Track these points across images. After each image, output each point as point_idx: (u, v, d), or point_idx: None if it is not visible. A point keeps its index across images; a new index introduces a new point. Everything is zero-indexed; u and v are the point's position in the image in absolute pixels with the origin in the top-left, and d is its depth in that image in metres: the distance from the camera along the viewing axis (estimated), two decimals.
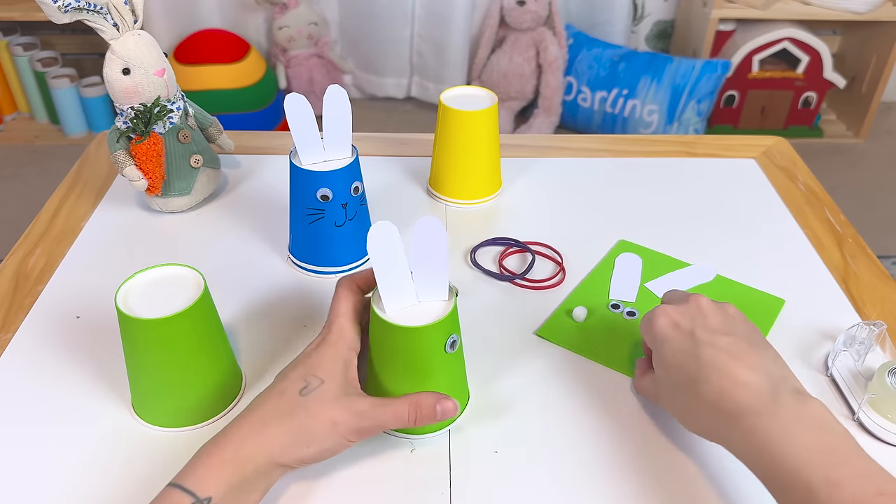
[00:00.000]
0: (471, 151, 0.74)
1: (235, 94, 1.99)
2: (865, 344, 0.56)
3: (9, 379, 0.56)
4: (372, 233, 0.46)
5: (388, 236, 0.46)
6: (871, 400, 0.54)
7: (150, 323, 0.47)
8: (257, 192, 0.79)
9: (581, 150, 0.88)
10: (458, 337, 0.50)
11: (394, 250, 0.47)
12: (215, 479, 0.42)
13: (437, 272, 0.48)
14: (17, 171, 2.04)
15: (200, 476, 0.42)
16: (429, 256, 0.47)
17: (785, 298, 0.65)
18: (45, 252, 0.70)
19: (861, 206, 1.95)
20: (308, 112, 0.61)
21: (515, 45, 2.11)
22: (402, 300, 0.48)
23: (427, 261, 0.47)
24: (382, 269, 0.47)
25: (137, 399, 0.53)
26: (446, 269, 0.48)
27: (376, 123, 2.26)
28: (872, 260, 0.71)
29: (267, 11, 2.18)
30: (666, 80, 2.01)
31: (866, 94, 2.18)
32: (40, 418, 0.53)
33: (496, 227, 0.74)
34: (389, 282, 0.47)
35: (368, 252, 0.46)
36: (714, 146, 0.89)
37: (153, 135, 0.68)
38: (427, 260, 0.47)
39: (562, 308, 0.64)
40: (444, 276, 0.48)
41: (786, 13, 2.04)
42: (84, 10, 0.62)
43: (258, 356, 0.59)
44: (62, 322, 0.62)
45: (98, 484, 0.49)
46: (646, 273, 0.68)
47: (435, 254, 0.47)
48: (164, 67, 0.68)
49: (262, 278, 0.67)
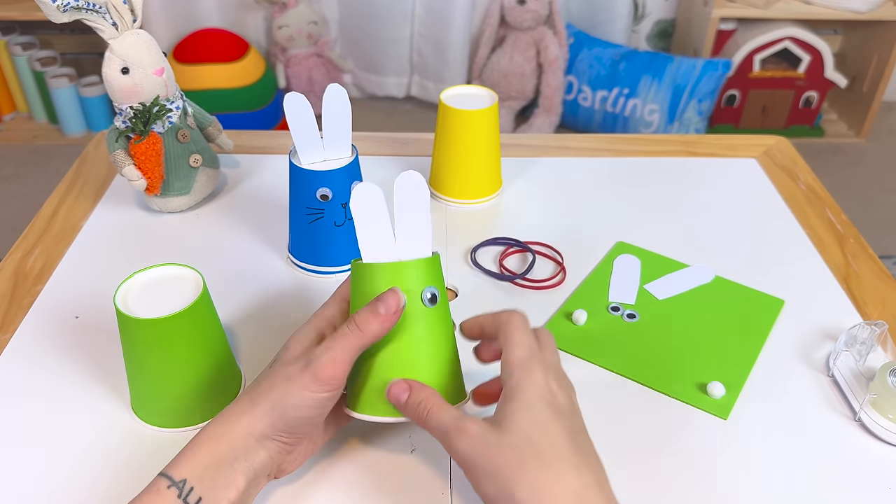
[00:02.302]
0: (471, 151, 0.74)
1: (235, 94, 1.99)
2: (867, 344, 0.56)
3: (8, 378, 0.56)
4: (355, 193, 0.45)
5: (371, 197, 0.46)
6: (873, 400, 0.53)
7: (149, 323, 0.47)
8: (257, 192, 0.78)
9: (581, 150, 0.87)
10: (441, 295, 0.48)
11: (377, 211, 0.46)
12: (191, 461, 0.42)
13: (420, 228, 0.47)
14: (16, 170, 2.04)
15: (179, 459, 0.42)
16: (411, 212, 0.46)
17: (786, 299, 0.65)
18: (44, 252, 0.70)
19: (862, 205, 1.95)
20: (308, 111, 0.61)
21: (516, 45, 2.11)
22: (383, 258, 0.47)
23: (409, 217, 0.46)
24: (365, 228, 0.46)
25: (136, 399, 0.53)
26: (429, 225, 0.47)
27: (376, 123, 2.26)
28: (874, 260, 0.71)
29: (266, 10, 2.17)
30: (667, 80, 2.01)
31: (867, 94, 2.18)
32: (39, 418, 0.53)
33: (496, 227, 0.74)
34: (372, 241, 0.46)
35: (351, 212, 0.46)
36: (715, 146, 0.89)
37: (152, 134, 0.68)
38: (409, 217, 0.46)
39: (561, 311, 0.64)
40: (427, 233, 0.47)
41: (787, 12, 2.04)
42: (83, 10, 0.62)
43: (258, 356, 0.59)
44: (61, 322, 0.61)
45: (97, 483, 0.49)
46: (645, 274, 0.68)
47: (417, 209, 0.46)
48: (163, 67, 0.67)
49: (261, 278, 0.67)
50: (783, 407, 0.55)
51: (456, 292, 0.66)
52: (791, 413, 0.55)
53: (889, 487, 0.50)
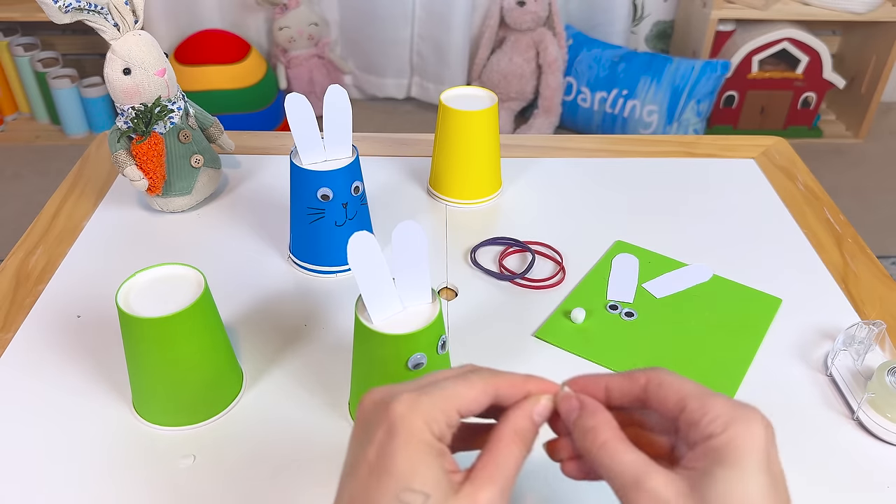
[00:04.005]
0: (471, 151, 0.74)
1: (236, 95, 1.99)
2: (865, 343, 0.57)
3: (9, 378, 0.57)
4: (352, 243, 0.45)
5: (367, 246, 0.46)
6: (871, 399, 0.54)
7: (150, 322, 0.47)
8: (258, 192, 0.79)
9: (581, 151, 0.88)
10: (446, 336, 0.50)
11: (374, 259, 0.46)
12: None
13: (419, 276, 0.47)
14: (18, 171, 2.04)
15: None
16: (410, 260, 0.47)
17: (784, 298, 0.65)
18: (46, 252, 0.70)
19: (860, 206, 1.95)
20: (308, 112, 0.61)
21: (515, 46, 2.11)
22: (387, 308, 0.47)
23: (409, 265, 0.47)
24: (365, 278, 0.46)
25: (138, 398, 0.53)
26: (428, 272, 0.47)
27: (376, 124, 2.26)
28: (872, 260, 0.71)
29: (267, 12, 2.18)
30: (665, 81, 2.01)
31: (866, 95, 2.18)
32: (41, 417, 0.54)
33: (496, 226, 0.74)
34: (373, 291, 0.46)
35: (349, 263, 0.45)
36: (713, 146, 0.89)
37: (154, 135, 0.68)
38: (409, 264, 0.47)
39: (560, 309, 0.64)
40: (426, 280, 0.48)
41: (785, 13, 2.04)
42: (85, 11, 0.63)
43: (258, 355, 0.59)
44: (63, 321, 0.62)
45: (98, 482, 0.49)
46: (643, 273, 0.68)
47: (416, 257, 0.47)
48: (164, 67, 0.68)
49: (262, 278, 0.67)
50: (781, 406, 0.56)
51: (456, 292, 0.66)
52: (789, 412, 0.55)
53: (887, 486, 0.50)
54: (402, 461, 0.32)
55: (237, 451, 0.51)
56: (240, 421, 0.54)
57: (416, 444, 0.33)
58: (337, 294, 0.65)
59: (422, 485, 0.32)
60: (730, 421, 0.33)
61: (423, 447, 0.33)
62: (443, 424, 0.34)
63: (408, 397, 0.34)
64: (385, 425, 0.33)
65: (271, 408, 0.55)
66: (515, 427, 0.35)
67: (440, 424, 0.34)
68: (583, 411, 0.36)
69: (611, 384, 0.37)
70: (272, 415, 0.54)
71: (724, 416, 0.33)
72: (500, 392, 0.36)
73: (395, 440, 0.33)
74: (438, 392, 0.34)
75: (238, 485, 0.49)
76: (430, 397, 0.34)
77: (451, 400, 0.35)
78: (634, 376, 0.36)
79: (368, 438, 0.34)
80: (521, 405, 0.36)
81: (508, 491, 0.34)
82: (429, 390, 0.35)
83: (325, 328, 0.62)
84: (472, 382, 0.35)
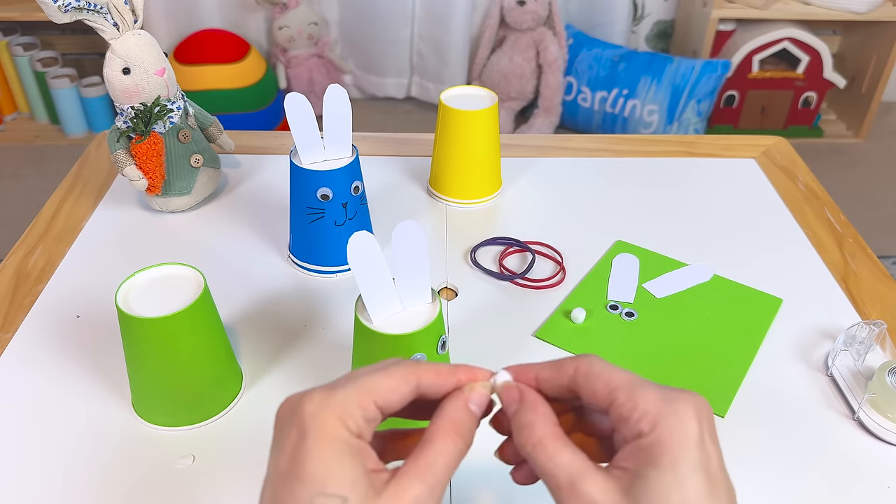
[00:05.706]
0: (471, 151, 0.74)
1: (235, 94, 1.99)
2: (865, 343, 0.57)
3: (9, 378, 0.57)
4: (351, 243, 0.45)
5: (367, 246, 0.45)
6: (871, 399, 0.54)
7: (150, 322, 0.47)
8: (257, 192, 0.79)
9: (581, 150, 0.88)
10: (446, 336, 0.50)
11: (374, 259, 0.46)
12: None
13: (419, 276, 0.47)
14: (18, 171, 2.04)
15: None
16: (410, 260, 0.47)
17: (784, 298, 0.65)
18: (46, 252, 0.70)
19: (861, 205, 1.95)
20: (308, 112, 0.61)
21: (515, 46, 2.11)
22: (387, 308, 0.47)
23: (409, 265, 0.47)
24: (364, 278, 0.46)
25: (137, 398, 0.53)
26: (427, 272, 0.47)
27: (376, 123, 2.26)
28: (872, 259, 0.71)
29: (267, 11, 2.18)
30: (666, 80, 2.01)
31: (866, 94, 2.18)
32: (40, 417, 0.53)
33: (496, 226, 0.74)
34: (373, 291, 0.46)
35: (349, 263, 0.45)
36: (714, 146, 0.89)
37: (153, 134, 0.68)
38: (408, 264, 0.47)
39: (560, 309, 0.64)
40: (426, 280, 0.48)
41: (786, 13, 2.04)
42: (84, 10, 0.63)
43: (258, 355, 0.59)
44: (62, 321, 0.62)
45: (98, 482, 0.49)
46: (643, 273, 0.68)
47: (416, 257, 0.47)
48: (164, 67, 0.68)
49: (262, 278, 0.67)
50: (781, 405, 0.56)
51: (456, 292, 0.66)
52: (789, 412, 0.55)
53: (888, 486, 0.50)
54: (314, 464, 0.30)
55: (237, 451, 0.51)
56: (239, 421, 0.54)
57: (330, 443, 0.31)
58: (337, 294, 0.65)
59: (337, 487, 0.30)
60: (658, 417, 0.31)
61: (338, 445, 0.31)
62: (359, 419, 0.32)
63: (319, 395, 0.32)
64: (296, 428, 0.31)
65: (271, 408, 0.54)
66: (450, 418, 0.33)
67: (356, 419, 0.32)
68: (521, 405, 0.34)
69: (540, 374, 0.35)
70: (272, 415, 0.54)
71: (652, 411, 0.31)
72: (422, 381, 0.34)
73: (306, 442, 0.31)
74: (352, 385, 0.32)
75: (237, 485, 0.49)
76: (343, 391, 0.32)
77: (367, 392, 0.32)
78: (563, 365, 0.35)
79: (279, 445, 0.32)
80: (455, 395, 0.34)
81: (441, 489, 0.32)
82: (342, 384, 0.33)
83: (324, 328, 0.61)
84: (391, 372, 0.33)
